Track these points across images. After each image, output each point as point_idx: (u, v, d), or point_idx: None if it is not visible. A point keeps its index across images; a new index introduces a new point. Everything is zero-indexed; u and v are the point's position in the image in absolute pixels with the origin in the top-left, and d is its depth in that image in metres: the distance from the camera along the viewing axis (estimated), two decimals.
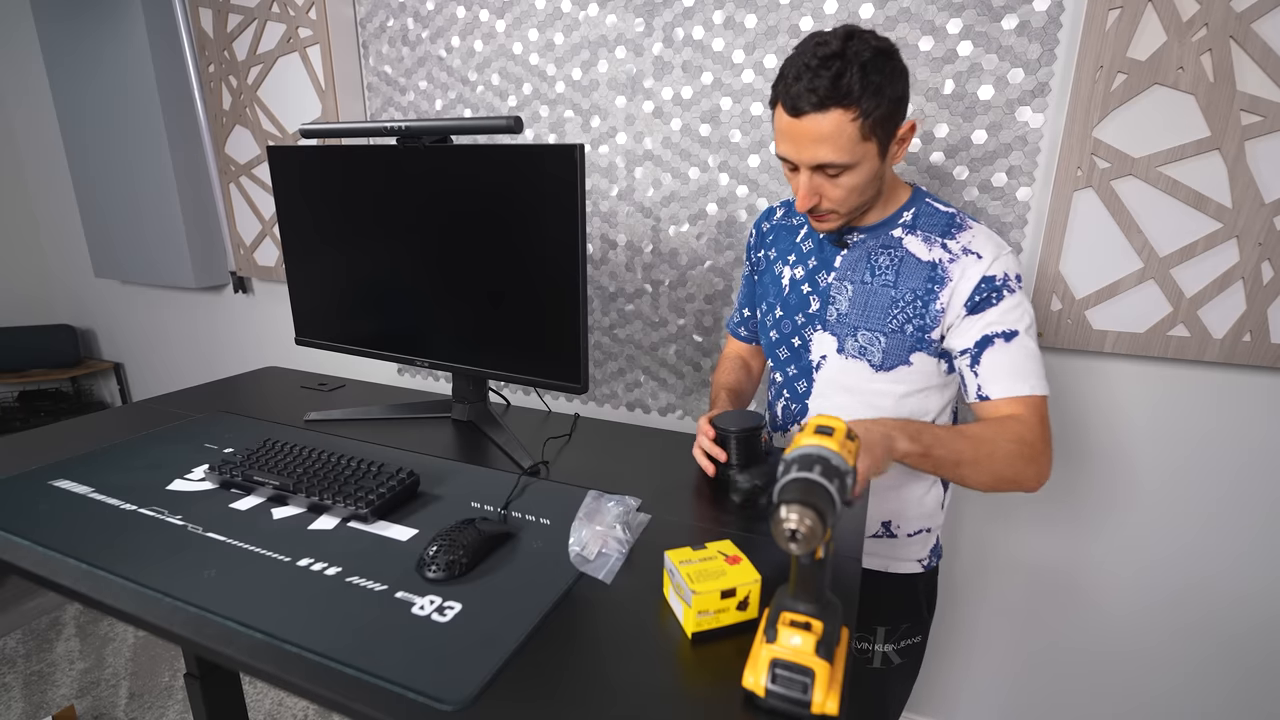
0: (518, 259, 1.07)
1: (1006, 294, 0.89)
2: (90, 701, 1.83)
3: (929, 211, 0.96)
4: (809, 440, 0.56)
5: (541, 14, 1.56)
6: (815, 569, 0.55)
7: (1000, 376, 0.90)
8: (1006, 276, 0.90)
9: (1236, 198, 1.11)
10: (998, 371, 0.90)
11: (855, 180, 0.87)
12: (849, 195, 0.89)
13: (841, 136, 0.82)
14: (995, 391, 0.91)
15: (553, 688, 0.57)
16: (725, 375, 1.22)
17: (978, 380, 0.92)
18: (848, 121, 0.81)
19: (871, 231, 0.97)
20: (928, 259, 0.93)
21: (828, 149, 0.84)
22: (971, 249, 0.91)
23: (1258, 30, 1.04)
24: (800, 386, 1.06)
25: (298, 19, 1.81)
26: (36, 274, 2.82)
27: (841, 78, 0.79)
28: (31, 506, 0.87)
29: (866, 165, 0.86)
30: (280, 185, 1.26)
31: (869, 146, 0.84)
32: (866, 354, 0.97)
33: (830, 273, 1.00)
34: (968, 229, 0.93)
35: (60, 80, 2.27)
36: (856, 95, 0.80)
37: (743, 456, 0.90)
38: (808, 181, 0.88)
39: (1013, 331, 0.90)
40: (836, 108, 0.81)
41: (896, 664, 1.12)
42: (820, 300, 1.01)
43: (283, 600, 0.68)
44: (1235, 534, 1.28)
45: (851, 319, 0.97)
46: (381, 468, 0.92)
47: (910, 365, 0.96)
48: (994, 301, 0.89)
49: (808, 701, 0.53)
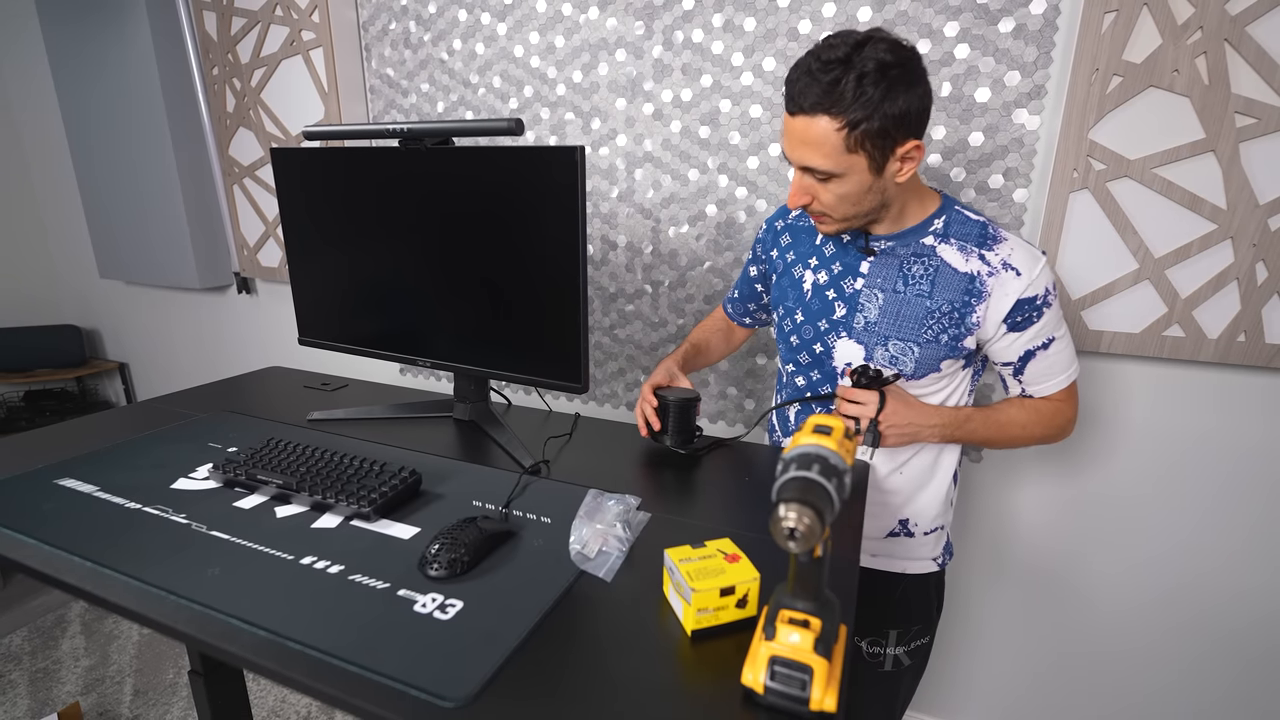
0: (519, 260, 1.08)
1: (1045, 310, 0.91)
2: (95, 698, 1.85)
3: (961, 219, 0.94)
4: (807, 439, 0.56)
5: (542, 17, 1.57)
6: (814, 567, 0.55)
7: (1041, 379, 0.98)
8: (1046, 292, 0.91)
9: (1231, 199, 1.11)
10: (1039, 377, 0.97)
11: (843, 190, 0.86)
12: (839, 203, 0.88)
13: (826, 144, 0.82)
14: (1038, 392, 0.99)
15: (554, 684, 0.58)
16: (701, 331, 1.27)
17: (1021, 385, 1.00)
18: (833, 130, 0.80)
19: (901, 239, 0.95)
20: (965, 270, 0.91)
21: (812, 153, 0.83)
22: (1011, 263, 0.90)
23: (1252, 33, 1.04)
24: (823, 392, 1.05)
25: (301, 22, 1.82)
26: (42, 275, 2.83)
27: (836, 85, 0.78)
28: (37, 505, 0.87)
29: (855, 178, 0.85)
30: (283, 187, 1.27)
31: (856, 159, 0.83)
32: (898, 364, 0.96)
33: (857, 279, 0.98)
34: (1004, 240, 0.92)
35: (66, 83, 2.28)
36: (846, 105, 0.78)
37: (678, 425, 1.05)
38: (798, 181, 0.89)
39: (1050, 340, 0.94)
40: (824, 114, 0.80)
41: (906, 665, 1.12)
42: (847, 307, 0.99)
43: (286, 598, 0.69)
44: (1230, 532, 1.28)
45: (882, 328, 0.96)
46: (384, 467, 0.93)
47: (939, 371, 0.97)
48: (1034, 320, 0.91)
49: (806, 698, 0.53)
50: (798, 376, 1.09)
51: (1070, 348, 0.98)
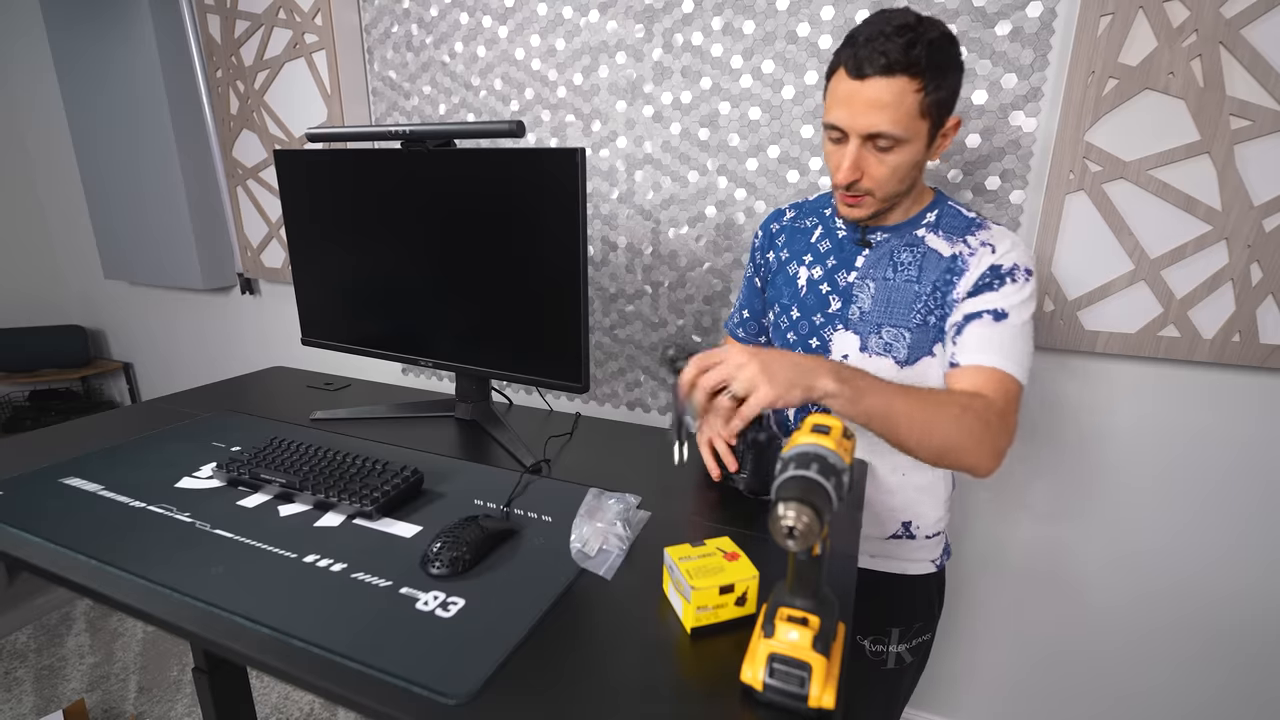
0: (520, 261, 1.08)
1: (1009, 281, 0.88)
2: (100, 695, 1.86)
3: (952, 213, 0.95)
4: (806, 439, 0.56)
5: (543, 20, 1.58)
6: (812, 565, 0.56)
7: (975, 347, 0.87)
8: (1015, 266, 0.88)
9: (1226, 200, 1.12)
10: (975, 342, 0.87)
11: (901, 159, 0.85)
12: (891, 176, 0.86)
13: (901, 106, 0.80)
14: (965, 359, 0.87)
15: (554, 681, 0.58)
16: None
17: (954, 349, 0.89)
18: (911, 91, 0.80)
19: (895, 231, 0.96)
20: (949, 253, 0.92)
21: (885, 116, 0.81)
22: (989, 242, 0.91)
23: (1246, 36, 1.05)
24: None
25: (304, 25, 1.83)
26: (48, 276, 2.85)
27: (913, 47, 0.78)
28: (42, 504, 0.88)
29: (915, 146, 0.84)
30: (286, 188, 1.28)
31: (923, 125, 0.83)
32: (892, 350, 0.96)
33: (851, 272, 0.98)
34: (988, 228, 0.93)
35: (71, 86, 2.29)
36: (923, 67, 0.79)
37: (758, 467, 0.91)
38: (854, 152, 0.85)
39: (1003, 312, 0.87)
40: (903, 75, 0.79)
41: (909, 662, 1.13)
42: (841, 300, 0.99)
43: (289, 596, 0.70)
44: (1225, 530, 1.29)
45: (875, 316, 0.96)
46: (386, 466, 0.93)
47: (933, 356, 0.95)
48: (994, 287, 0.88)
49: (805, 695, 0.53)
50: None
51: (1025, 346, 0.87)
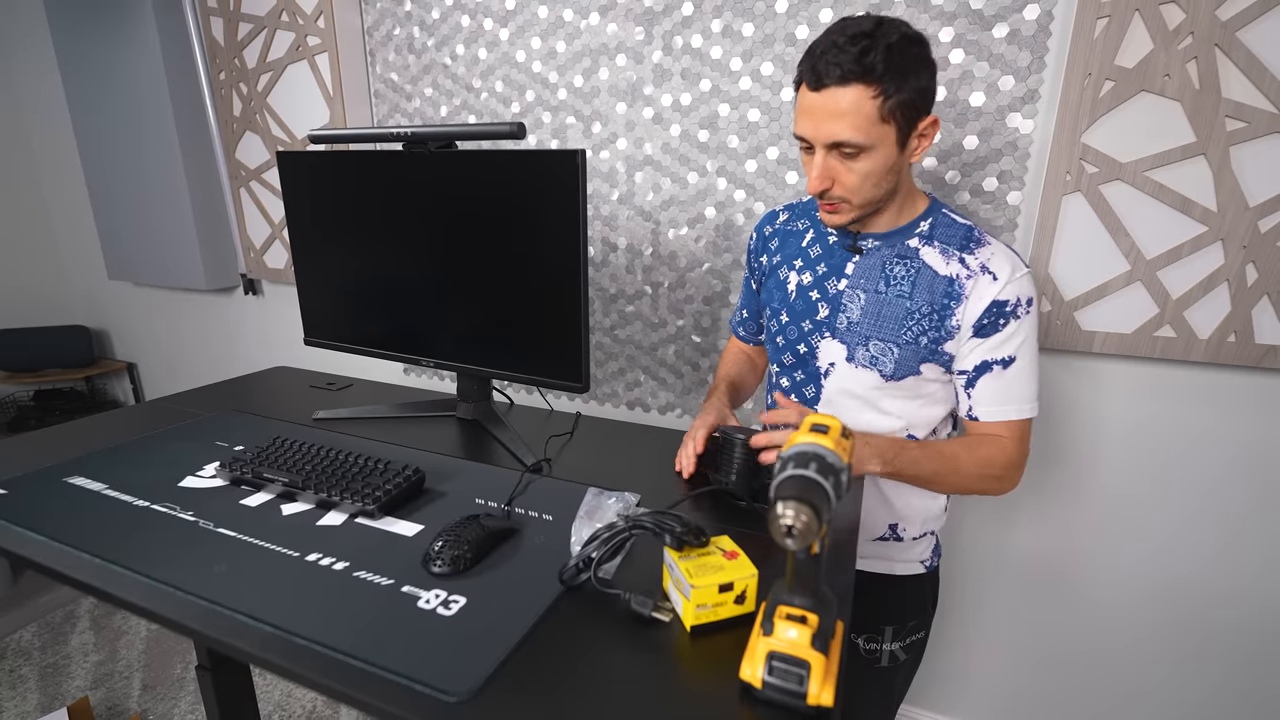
0: (520, 261, 1.09)
1: (1013, 320, 0.90)
2: (104, 693, 1.87)
3: (946, 223, 0.94)
4: (805, 438, 0.56)
5: (544, 23, 1.59)
6: (811, 564, 0.56)
7: (990, 400, 0.94)
8: (1018, 301, 0.89)
9: (1222, 202, 1.12)
10: (989, 396, 0.94)
11: (870, 166, 0.85)
12: (863, 182, 0.87)
13: (860, 113, 0.81)
14: (983, 415, 0.95)
15: (555, 679, 0.59)
16: (728, 367, 1.22)
17: (970, 401, 0.96)
18: (867, 98, 0.80)
19: (887, 239, 0.96)
20: (945, 273, 0.92)
21: (845, 125, 0.82)
22: (989, 267, 0.90)
23: (1242, 38, 1.05)
24: (808, 393, 1.05)
25: (306, 28, 1.84)
26: (52, 277, 2.86)
27: (867, 54, 0.79)
28: (47, 503, 0.89)
29: (883, 151, 0.84)
30: (289, 189, 1.29)
31: (887, 130, 0.83)
32: (878, 364, 0.96)
33: (841, 279, 0.98)
34: (986, 244, 0.92)
35: (75, 88, 2.30)
36: (879, 73, 0.79)
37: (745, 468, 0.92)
38: (822, 162, 0.87)
39: (1011, 358, 0.92)
40: (858, 83, 0.80)
41: (902, 660, 1.13)
42: (830, 307, 0.99)
43: (292, 594, 0.70)
44: (1221, 529, 1.29)
45: (863, 328, 0.96)
46: (388, 465, 0.94)
47: (920, 374, 0.96)
48: (1000, 327, 0.90)
49: (804, 693, 0.53)
50: (783, 377, 1.09)
51: (1033, 382, 0.94)
